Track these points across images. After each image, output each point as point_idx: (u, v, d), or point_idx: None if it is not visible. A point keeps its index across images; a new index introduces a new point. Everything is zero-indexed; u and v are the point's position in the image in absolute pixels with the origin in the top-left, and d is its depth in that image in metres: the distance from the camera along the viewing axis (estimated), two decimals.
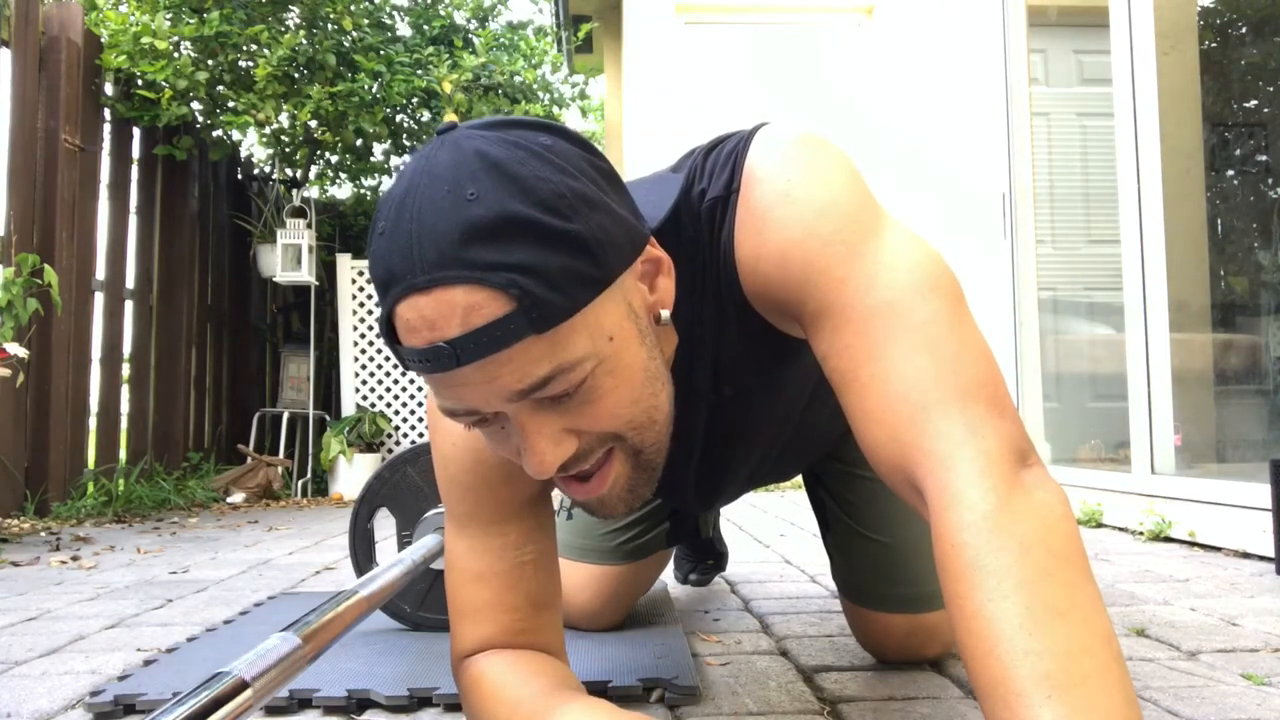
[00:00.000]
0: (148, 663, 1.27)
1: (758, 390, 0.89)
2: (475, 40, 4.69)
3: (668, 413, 0.71)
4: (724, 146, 0.77)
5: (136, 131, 4.16)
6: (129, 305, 4.09)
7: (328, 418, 4.77)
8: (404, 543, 1.38)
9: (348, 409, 4.60)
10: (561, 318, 0.60)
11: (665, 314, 0.70)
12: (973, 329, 0.66)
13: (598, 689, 1.09)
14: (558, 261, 0.59)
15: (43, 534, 2.94)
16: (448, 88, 4.29)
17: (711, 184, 0.75)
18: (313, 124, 4.40)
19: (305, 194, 4.65)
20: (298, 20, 4.36)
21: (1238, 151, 3.69)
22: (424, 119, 4.68)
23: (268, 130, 4.37)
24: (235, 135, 4.69)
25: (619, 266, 0.64)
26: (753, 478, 1.11)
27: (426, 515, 1.37)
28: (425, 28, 4.69)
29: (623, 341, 0.64)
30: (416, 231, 0.59)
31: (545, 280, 0.59)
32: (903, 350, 0.64)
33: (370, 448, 4.48)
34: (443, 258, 0.58)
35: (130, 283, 4.10)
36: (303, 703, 1.08)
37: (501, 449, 0.69)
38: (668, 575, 1.90)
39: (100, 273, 3.87)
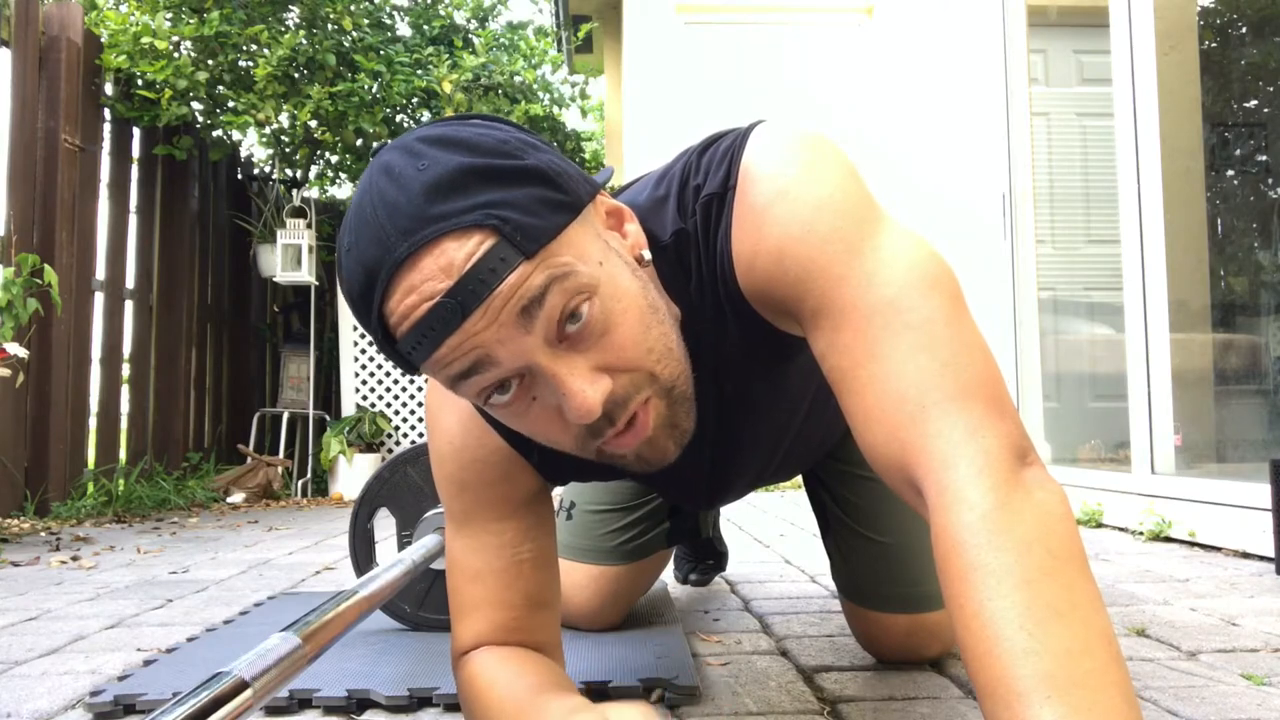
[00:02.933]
0: (148, 663, 1.27)
1: (759, 387, 0.89)
2: (475, 40, 4.69)
3: (680, 344, 0.71)
4: (720, 143, 0.77)
5: (136, 131, 4.16)
6: (129, 305, 4.09)
7: (328, 418, 4.77)
8: (404, 543, 1.38)
9: (348, 409, 4.60)
10: (545, 239, 0.61)
11: (646, 254, 0.72)
12: (972, 328, 0.66)
13: (598, 689, 1.09)
14: (523, 193, 0.61)
15: (43, 534, 2.94)
16: (448, 88, 4.29)
17: (707, 180, 0.75)
18: (313, 124, 4.39)
19: (305, 194, 4.65)
20: (298, 20, 4.36)
21: (1238, 151, 3.69)
22: (424, 119, 4.68)
23: (268, 130, 4.37)
24: (235, 135, 4.69)
25: (583, 195, 0.65)
26: (761, 474, 1.11)
27: (426, 515, 1.37)
28: (425, 28, 4.69)
29: (613, 269, 0.66)
30: (383, 216, 0.61)
31: (519, 209, 0.60)
32: (902, 349, 0.64)
33: (370, 448, 4.48)
34: (414, 221, 0.60)
35: (130, 283, 4.10)
36: (303, 703, 1.08)
37: (537, 425, 0.68)
38: (668, 575, 1.90)
39: (100, 273, 3.87)
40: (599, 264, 0.64)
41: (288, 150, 4.63)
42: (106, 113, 3.95)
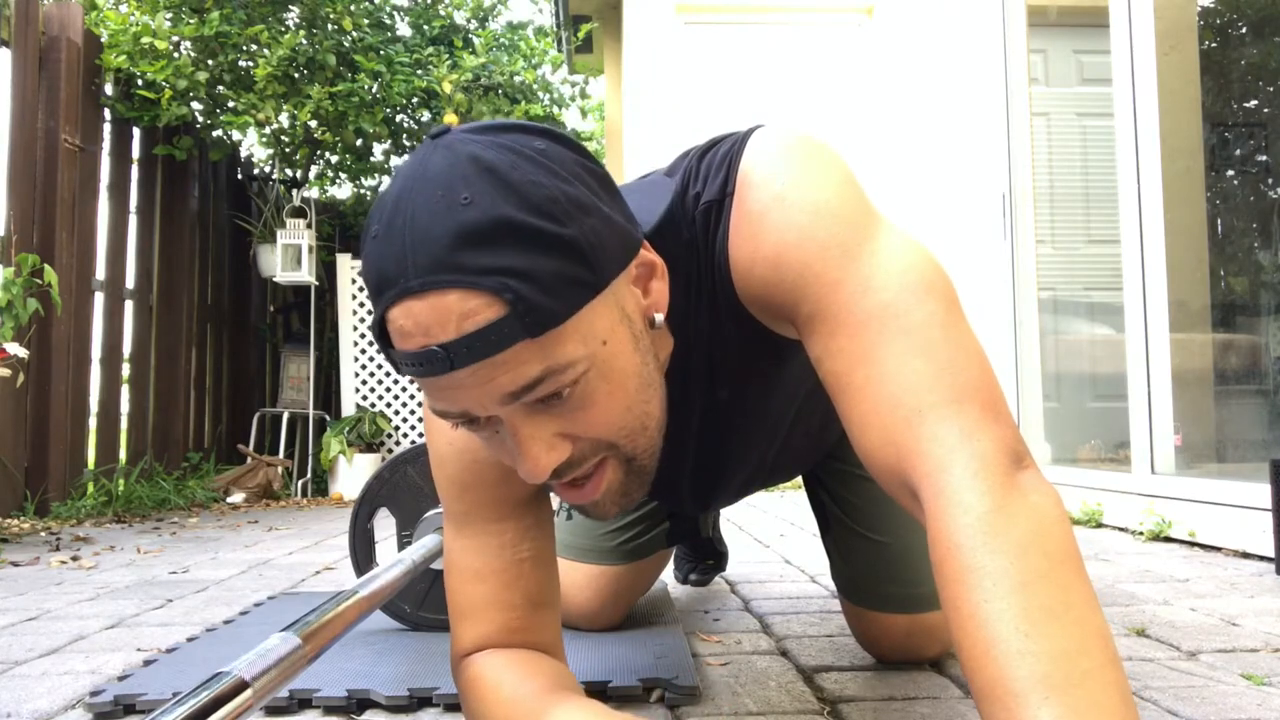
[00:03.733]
0: (148, 663, 1.27)
1: (753, 392, 0.89)
2: (475, 40, 4.69)
3: (660, 419, 0.71)
4: (719, 149, 0.77)
5: (136, 131, 4.16)
6: (129, 305, 4.10)
7: (328, 418, 4.77)
8: (404, 543, 1.38)
9: (348, 409, 4.60)
10: (555, 322, 0.60)
11: (659, 317, 0.70)
12: (967, 332, 0.66)
13: (598, 689, 1.09)
14: (551, 266, 0.59)
15: (43, 534, 2.94)
16: (448, 88, 4.29)
17: (706, 187, 0.75)
18: (313, 124, 4.40)
19: (305, 194, 4.66)
20: (298, 20, 4.36)
21: (1238, 151, 3.69)
22: (424, 119, 4.68)
23: (268, 130, 4.37)
24: (235, 135, 4.70)
25: (612, 271, 0.64)
26: (750, 481, 1.11)
27: (426, 515, 1.38)
28: (425, 28, 4.69)
29: (616, 346, 0.65)
30: (410, 236, 0.59)
31: (538, 284, 0.59)
32: (897, 353, 0.64)
33: (370, 448, 4.49)
34: (436, 262, 0.58)
35: (130, 283, 4.10)
36: (303, 703, 1.08)
37: (496, 451, 0.69)
38: (668, 575, 1.90)
39: (100, 273, 3.87)
40: (602, 343, 0.63)
41: (288, 150, 4.63)
42: (106, 113, 3.95)
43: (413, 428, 4.65)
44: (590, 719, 0.71)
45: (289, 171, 4.89)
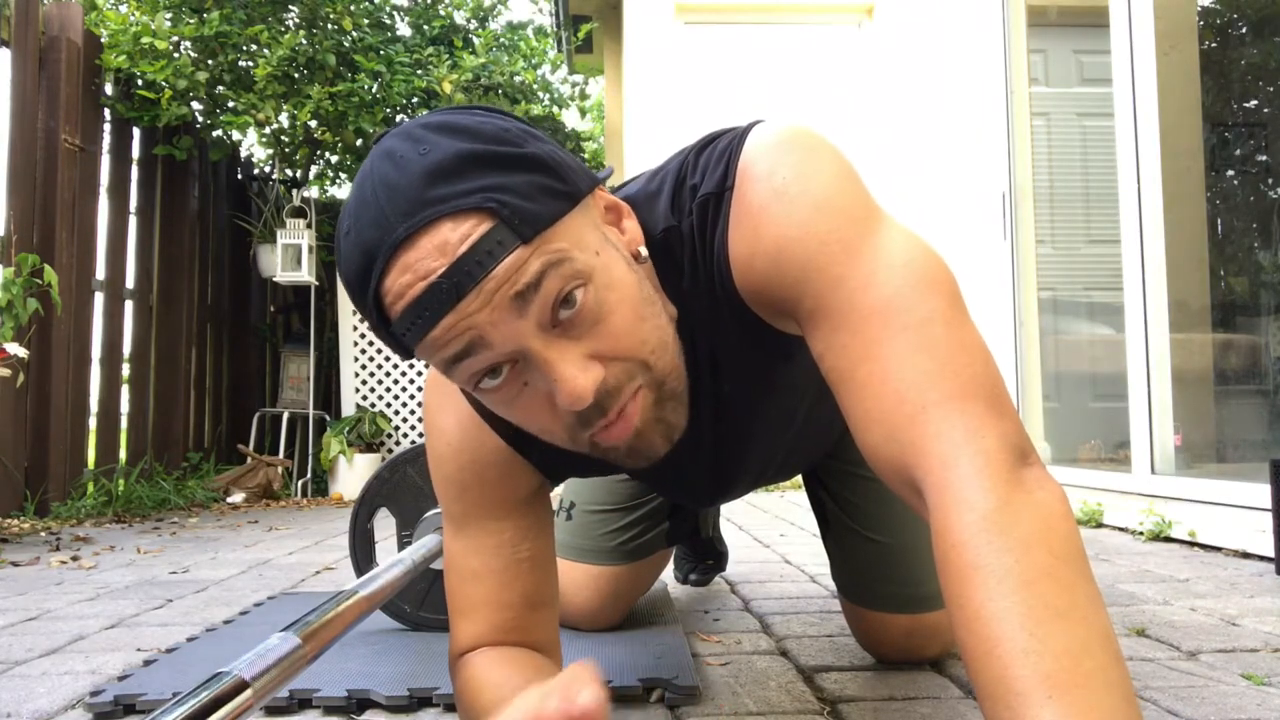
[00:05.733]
0: (148, 663, 1.26)
1: (757, 386, 0.89)
2: (475, 40, 4.69)
3: (675, 338, 0.72)
4: (718, 143, 0.76)
5: (136, 131, 4.16)
6: (129, 305, 4.09)
7: (328, 418, 4.77)
8: (404, 543, 1.38)
9: (348, 409, 4.60)
10: (543, 224, 0.61)
11: (643, 250, 0.72)
12: (970, 328, 0.66)
13: None
14: (522, 179, 0.62)
15: (43, 534, 2.94)
16: (448, 88, 4.29)
17: (705, 180, 0.75)
18: (313, 124, 4.39)
19: (305, 194, 4.65)
20: (298, 20, 4.35)
21: (1238, 151, 3.69)
22: None
23: (268, 130, 4.37)
24: (235, 135, 4.70)
25: (582, 186, 0.66)
26: (763, 473, 1.11)
27: (426, 515, 1.37)
28: (425, 28, 4.69)
29: (609, 259, 0.66)
30: (383, 199, 0.61)
31: (517, 194, 0.61)
32: (901, 349, 0.64)
33: (370, 448, 4.48)
34: (413, 203, 0.60)
35: (130, 283, 4.10)
36: (303, 703, 1.08)
37: (528, 412, 0.68)
38: (668, 575, 1.90)
39: (100, 273, 3.87)
40: (595, 253, 0.65)
41: (288, 150, 4.63)
42: (106, 113, 3.95)
43: (412, 428, 4.65)
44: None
45: (289, 171, 4.89)
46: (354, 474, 4.33)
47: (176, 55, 4.08)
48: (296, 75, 4.29)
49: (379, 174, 0.62)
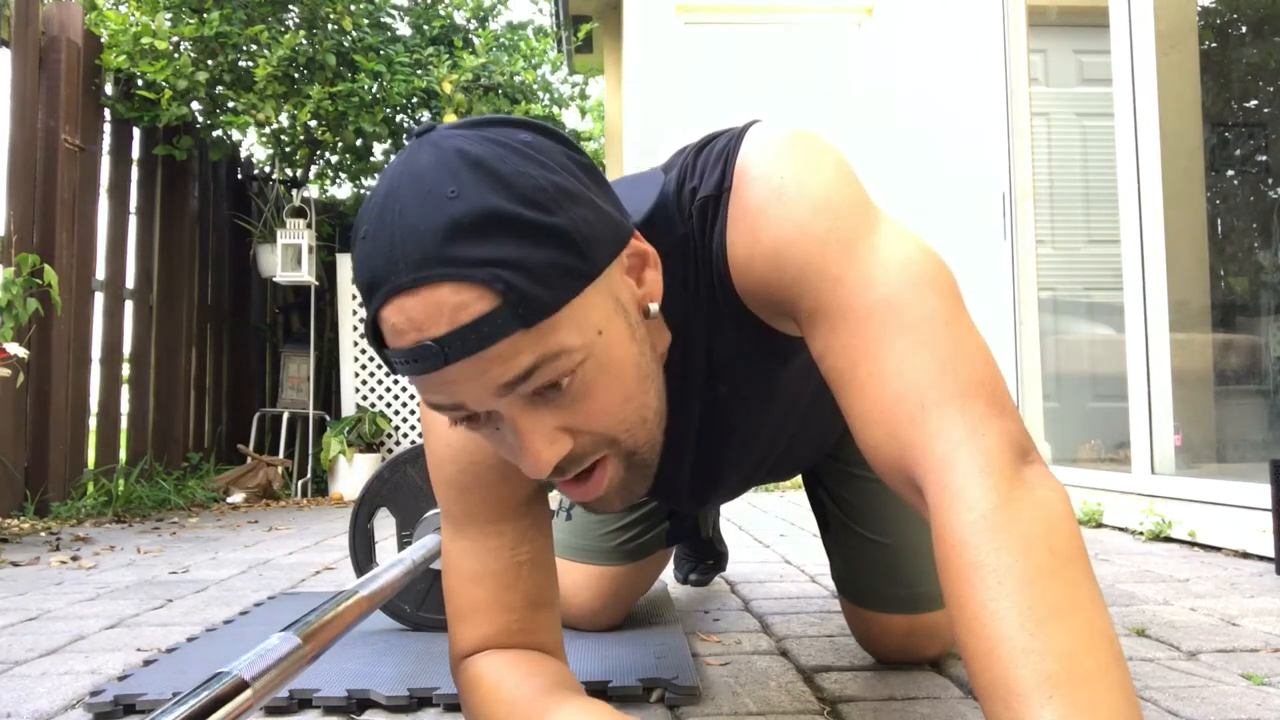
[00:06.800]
0: (148, 663, 1.26)
1: (753, 389, 0.89)
2: (475, 40, 4.69)
3: (660, 411, 0.71)
4: (715, 144, 0.76)
5: (136, 131, 4.16)
6: (129, 305, 4.09)
7: (328, 418, 4.77)
8: (404, 543, 1.38)
9: (348, 409, 4.60)
10: (548, 312, 0.60)
11: (654, 307, 0.70)
12: (970, 326, 0.66)
13: (598, 689, 1.09)
14: (542, 255, 0.59)
15: (43, 534, 2.94)
16: (448, 88, 4.29)
17: (703, 182, 0.74)
18: (313, 124, 4.39)
19: (305, 194, 4.65)
20: (298, 20, 4.35)
21: (1238, 151, 3.69)
22: (424, 119, 4.68)
23: (268, 130, 4.37)
24: (235, 135, 4.69)
25: (604, 260, 0.64)
26: (750, 478, 1.11)
27: (426, 515, 1.37)
28: (425, 28, 4.69)
29: (612, 336, 0.64)
30: (399, 233, 0.59)
31: (530, 274, 0.59)
32: (900, 348, 0.64)
33: (370, 448, 4.48)
34: (426, 257, 0.58)
35: (130, 283, 4.10)
36: (303, 703, 1.08)
37: (498, 448, 0.69)
38: (668, 575, 1.90)
39: (100, 273, 3.87)
40: (597, 333, 0.63)
41: (288, 150, 4.63)
42: (106, 113, 3.95)
43: (412, 428, 4.65)
44: (591, 718, 0.71)
45: (289, 171, 4.89)
46: (354, 474, 4.33)
47: (176, 55, 4.08)
48: (296, 75, 4.29)
49: (405, 197, 0.60)
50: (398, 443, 4.63)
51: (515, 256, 0.58)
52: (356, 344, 4.65)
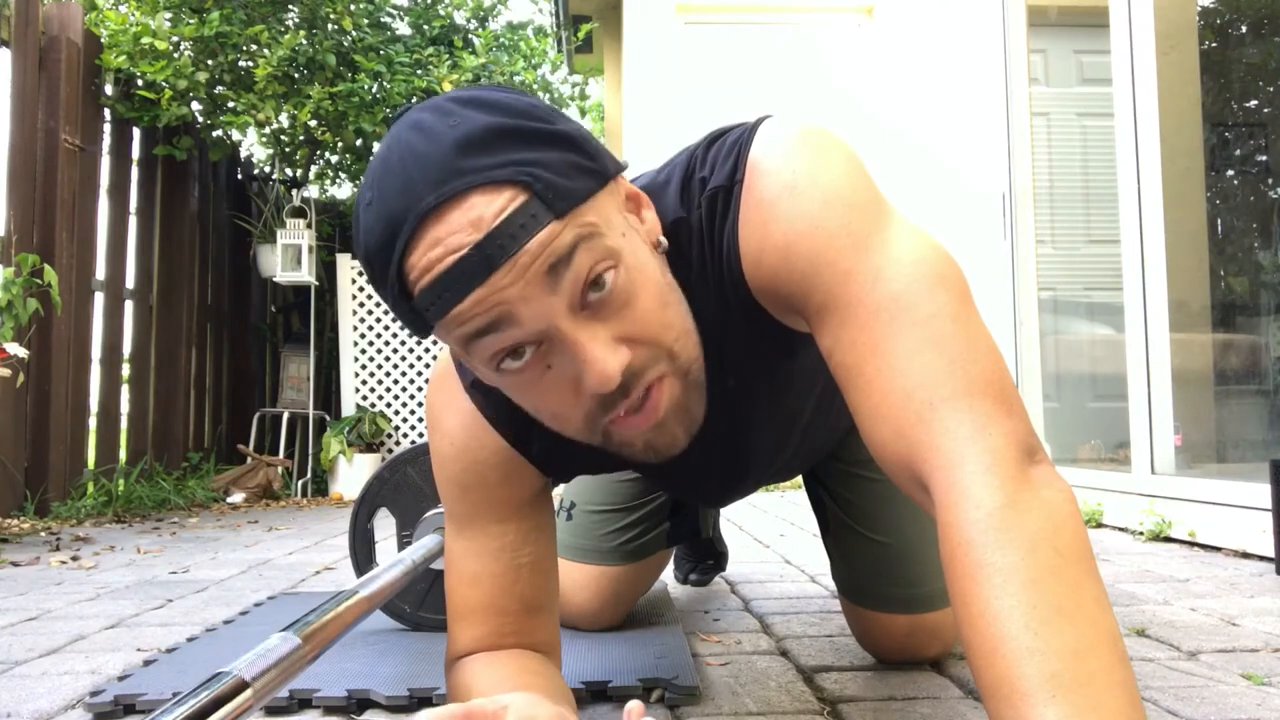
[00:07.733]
0: (148, 663, 1.26)
1: (764, 383, 0.88)
2: (475, 40, 4.69)
3: (694, 326, 0.72)
4: (727, 137, 0.76)
5: (136, 132, 4.16)
6: (129, 305, 4.09)
7: (328, 418, 4.77)
8: (404, 543, 1.38)
9: (348, 409, 4.60)
10: (576, 200, 0.61)
11: (663, 240, 0.72)
12: (979, 324, 0.66)
13: (598, 689, 1.09)
14: (555, 155, 0.62)
15: (43, 534, 2.93)
16: (448, 88, 4.29)
17: (714, 173, 0.74)
18: (313, 124, 4.39)
19: (305, 194, 4.65)
20: (298, 20, 4.35)
21: (1238, 151, 3.69)
22: None
23: (268, 130, 4.37)
24: (235, 135, 4.69)
25: (610, 168, 0.66)
26: (768, 471, 1.10)
27: (426, 515, 1.37)
28: (425, 28, 4.69)
29: (635, 243, 0.66)
30: (411, 168, 0.60)
31: (550, 169, 0.61)
32: (909, 345, 0.63)
33: (370, 448, 4.48)
34: (445, 172, 0.59)
35: (130, 283, 4.10)
36: (303, 703, 1.07)
37: (550, 394, 0.67)
38: (668, 575, 1.90)
39: (100, 273, 3.87)
40: (622, 235, 0.65)
41: (288, 150, 4.63)
42: (106, 113, 3.95)
43: (413, 428, 4.65)
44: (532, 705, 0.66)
45: (289, 171, 4.89)
46: (354, 474, 4.33)
47: (176, 55, 4.08)
48: (296, 75, 4.29)
49: (406, 144, 0.61)
50: (398, 443, 4.62)
51: (531, 157, 0.60)
52: (356, 344, 4.65)
